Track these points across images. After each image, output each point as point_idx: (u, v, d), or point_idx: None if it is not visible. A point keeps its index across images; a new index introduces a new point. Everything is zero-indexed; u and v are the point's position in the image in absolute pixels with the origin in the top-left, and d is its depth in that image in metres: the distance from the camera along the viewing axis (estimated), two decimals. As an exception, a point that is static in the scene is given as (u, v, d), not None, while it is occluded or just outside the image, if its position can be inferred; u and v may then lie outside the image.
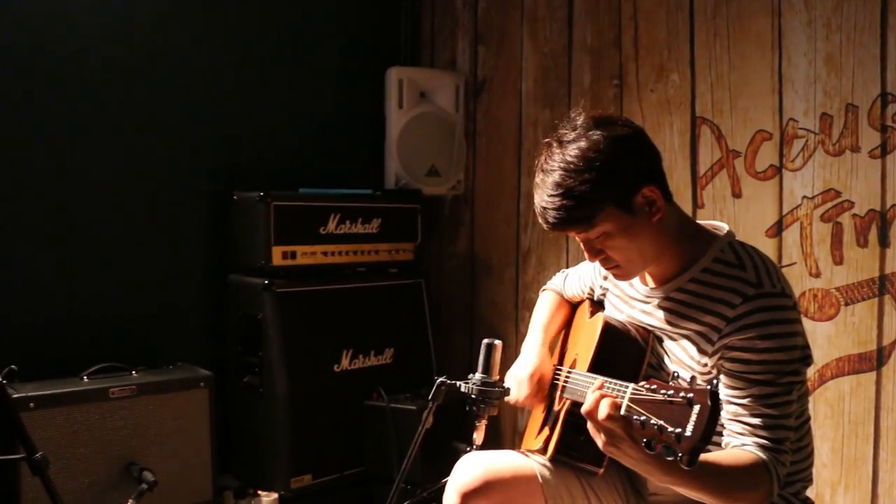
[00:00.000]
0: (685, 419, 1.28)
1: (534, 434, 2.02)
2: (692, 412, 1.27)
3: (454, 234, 3.76)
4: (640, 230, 1.66)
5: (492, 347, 1.93)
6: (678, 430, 1.28)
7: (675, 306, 1.73)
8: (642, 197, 1.65)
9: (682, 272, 1.73)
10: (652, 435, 1.33)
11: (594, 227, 1.64)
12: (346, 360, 3.11)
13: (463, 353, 3.68)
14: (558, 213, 1.61)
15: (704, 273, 1.70)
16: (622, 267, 1.71)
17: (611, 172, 1.61)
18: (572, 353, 2.01)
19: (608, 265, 1.73)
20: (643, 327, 1.81)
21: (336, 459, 3.06)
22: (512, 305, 3.53)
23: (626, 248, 1.67)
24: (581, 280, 2.12)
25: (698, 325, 1.68)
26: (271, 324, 2.93)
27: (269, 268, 2.96)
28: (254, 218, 2.98)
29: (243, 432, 3.05)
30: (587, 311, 2.04)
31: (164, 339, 3.05)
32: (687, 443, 1.27)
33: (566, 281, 2.20)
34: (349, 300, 3.15)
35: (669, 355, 1.75)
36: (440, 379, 1.95)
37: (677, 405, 1.30)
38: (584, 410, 1.46)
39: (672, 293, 1.74)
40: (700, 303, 1.68)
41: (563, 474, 1.89)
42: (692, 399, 1.29)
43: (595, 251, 1.70)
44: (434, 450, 2.68)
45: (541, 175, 1.65)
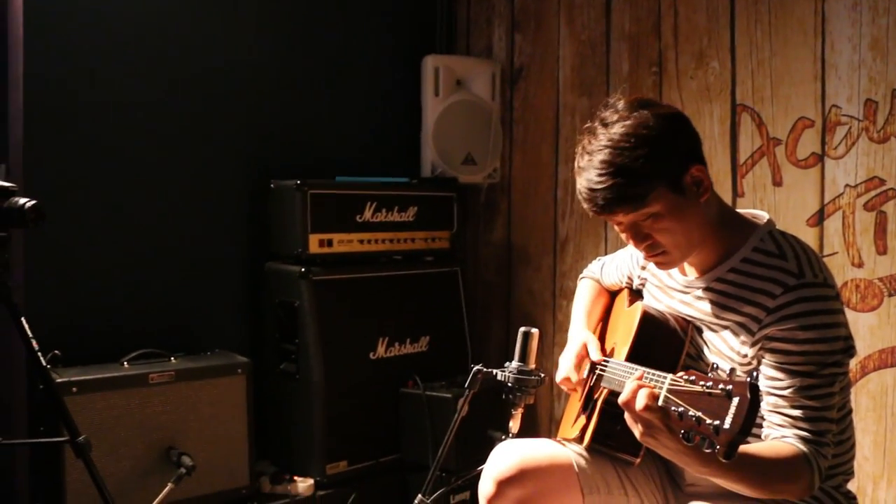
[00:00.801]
0: (724, 411, 1.27)
1: (570, 423, 2.02)
2: (731, 404, 1.27)
3: (490, 223, 3.75)
4: (688, 212, 1.63)
5: (528, 336, 1.93)
6: (716, 423, 1.27)
7: (715, 297, 1.72)
8: (691, 177, 1.62)
9: (721, 262, 1.71)
10: (690, 426, 1.32)
11: (645, 207, 1.60)
12: (382, 348, 3.12)
13: (499, 342, 3.68)
14: (609, 191, 1.57)
15: (744, 263, 1.68)
16: (668, 252, 1.68)
17: (662, 149, 1.58)
18: (610, 342, 2.00)
19: (653, 252, 1.69)
20: (682, 318, 1.79)
21: (371, 446, 3.06)
22: (549, 294, 3.52)
23: (675, 231, 1.64)
24: (618, 269, 2.10)
25: (738, 315, 1.66)
26: (308, 311, 2.94)
27: (306, 256, 2.97)
28: (290, 206, 2.98)
29: (280, 419, 3.07)
30: (626, 300, 2.03)
31: (202, 326, 3.06)
32: (725, 435, 1.26)
33: (603, 269, 2.18)
34: (385, 288, 3.14)
35: (709, 346, 1.73)
36: (476, 367, 1.95)
37: (716, 397, 1.30)
38: (622, 400, 1.46)
39: (712, 283, 1.72)
40: (740, 293, 1.67)
41: (599, 464, 1.88)
42: (731, 391, 1.28)
43: (641, 236, 1.66)
44: (469, 438, 2.67)
45: (585, 157, 1.62)
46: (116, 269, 2.89)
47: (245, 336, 3.16)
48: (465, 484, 2.91)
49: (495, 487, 1.85)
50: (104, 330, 2.84)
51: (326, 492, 2.93)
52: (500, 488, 1.84)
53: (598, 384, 1.89)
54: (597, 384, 1.90)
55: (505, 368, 1.93)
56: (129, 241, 2.92)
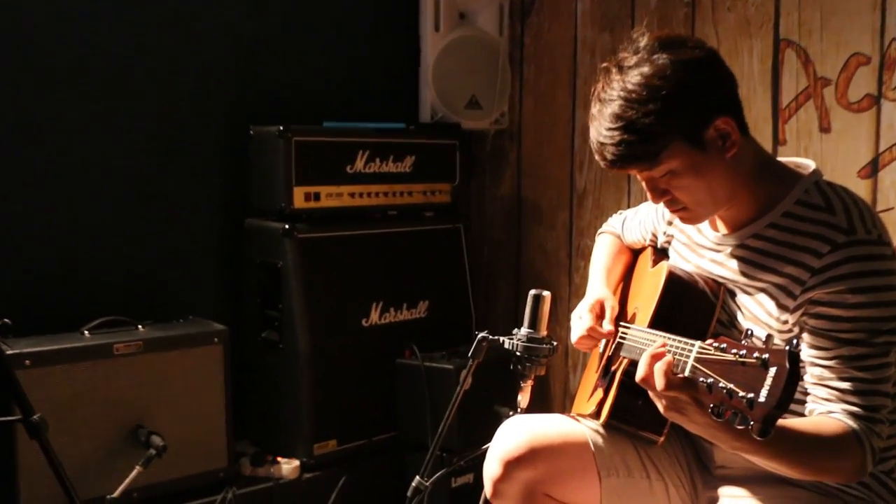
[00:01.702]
0: (759, 383, 1.27)
1: (586, 396, 2.02)
2: (767, 375, 1.27)
3: (498, 174, 3.74)
4: (711, 168, 1.64)
5: (539, 299, 1.93)
6: (750, 396, 1.27)
7: (751, 255, 1.71)
8: (715, 130, 1.62)
9: (759, 216, 1.71)
10: (720, 400, 1.32)
11: (659, 165, 1.63)
12: (376, 314, 3.13)
13: (507, 307, 3.69)
14: (617, 148, 1.60)
15: (786, 217, 1.68)
16: (690, 210, 1.70)
17: (679, 102, 1.58)
18: (632, 307, 2.00)
19: (674, 207, 1.72)
20: (713, 279, 1.79)
21: (364, 424, 3.09)
22: (564, 253, 3.52)
23: (695, 189, 1.65)
24: (642, 225, 2.10)
25: (778, 276, 1.65)
26: (292, 273, 2.94)
27: (290, 211, 2.97)
28: (272, 155, 2.98)
29: (261, 393, 3.08)
30: (649, 260, 2.03)
31: (173, 290, 3.07)
32: (760, 410, 1.26)
33: (625, 224, 2.19)
34: (379, 247, 3.16)
35: (743, 311, 1.72)
36: (481, 334, 1.97)
37: (750, 367, 1.29)
38: (639, 378, 1.46)
39: (747, 240, 1.72)
40: (780, 251, 1.66)
41: (618, 442, 1.89)
42: (768, 360, 1.28)
43: (659, 192, 1.69)
44: (473, 414, 2.71)
45: (598, 105, 1.64)
46: (75, 226, 2.88)
47: (222, 301, 3.17)
48: (469, 465, 2.95)
49: (502, 468, 1.85)
50: (61, 295, 2.83)
51: (314, 474, 2.95)
52: (507, 469, 1.85)
53: (616, 353, 1.89)
54: (616, 353, 1.90)
55: (513, 336, 1.94)
56: (88, 196, 2.91)
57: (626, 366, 1.81)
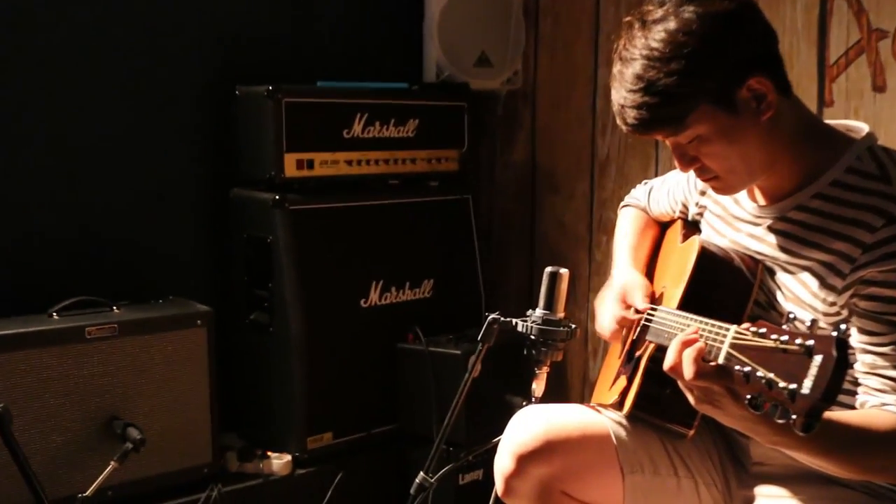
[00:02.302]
0: (802, 372, 1.26)
1: (608, 384, 2.02)
2: (812, 364, 1.26)
3: (510, 139, 3.73)
4: (744, 133, 1.63)
5: (556, 277, 1.93)
6: (793, 386, 1.26)
7: (795, 229, 1.70)
8: (748, 90, 1.61)
9: (803, 186, 1.70)
10: (758, 390, 1.32)
11: (685, 130, 1.63)
12: (376, 294, 3.13)
13: (520, 286, 3.70)
14: (639, 112, 1.61)
15: (834, 187, 1.66)
16: (722, 178, 1.70)
17: (706, 61, 1.58)
18: (659, 286, 2.00)
19: (704, 176, 1.72)
20: (750, 256, 1.78)
21: (362, 415, 3.09)
22: (584, 227, 3.51)
23: (726, 156, 1.65)
24: (670, 195, 2.10)
25: (824, 253, 1.64)
26: (284, 249, 2.94)
27: (281, 180, 2.96)
28: (260, 119, 2.97)
29: (249, 381, 3.08)
30: (679, 234, 2.03)
31: (151, 267, 3.06)
32: (803, 402, 1.25)
33: (651, 195, 2.19)
34: (379, 220, 3.15)
35: (784, 292, 1.71)
36: (491, 316, 1.97)
37: (792, 354, 1.29)
38: (667, 366, 1.47)
39: (790, 212, 1.71)
40: (827, 225, 1.65)
41: (642, 435, 1.89)
42: (812, 347, 1.27)
43: (688, 159, 1.69)
44: (483, 404, 2.72)
45: (619, 65, 1.65)
46: (42, 197, 2.86)
47: (205, 280, 3.17)
48: (478, 460, 2.96)
49: (515, 463, 1.86)
50: (27, 273, 2.82)
51: (307, 470, 2.95)
52: (520, 465, 1.85)
53: (642, 337, 1.88)
54: (640, 337, 1.89)
55: (527, 318, 1.94)
56: (56, 164, 2.88)
57: (652, 351, 1.80)
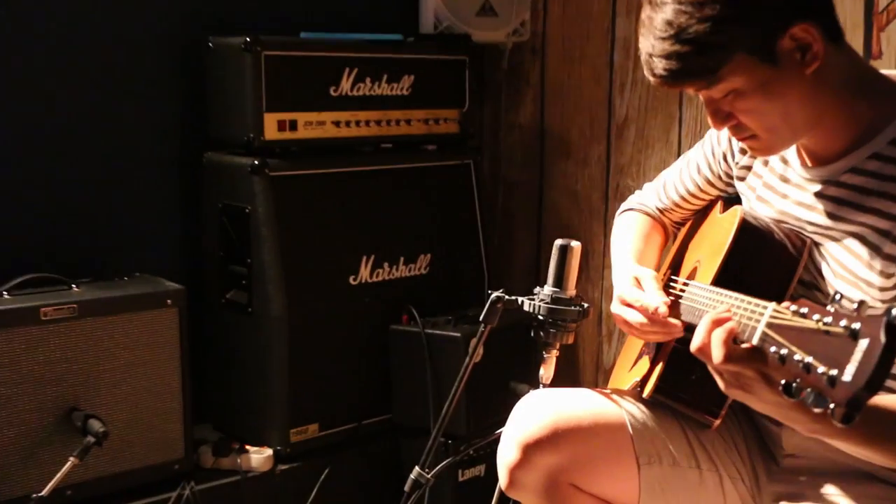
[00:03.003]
0: (845, 357, 1.22)
1: (627, 366, 2.04)
2: (856, 348, 1.23)
3: (517, 98, 3.72)
4: (785, 87, 1.62)
5: (567, 251, 1.94)
6: (833, 372, 1.23)
7: (848, 194, 1.69)
8: (791, 39, 1.60)
9: (857, 146, 1.68)
10: (795, 375, 1.29)
11: (718, 83, 1.63)
12: (367, 270, 3.13)
13: (527, 261, 3.71)
14: (668, 62, 1.62)
15: (894, 146, 1.64)
16: (760, 138, 1.69)
17: (744, 5, 1.59)
18: (692, 259, 2.00)
19: (740, 135, 1.71)
20: (797, 232, 1.79)
21: (352, 404, 3.09)
22: (599, 196, 3.51)
23: (765, 113, 1.64)
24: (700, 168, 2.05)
25: (882, 219, 1.63)
26: (264, 219, 2.93)
27: (261, 143, 2.95)
28: (237, 74, 2.95)
29: (226, 367, 3.09)
30: (719, 206, 2.05)
31: (115, 241, 3.05)
32: (844, 390, 1.22)
33: (667, 186, 2.15)
34: (370, 188, 3.15)
35: (833, 266, 1.71)
36: (495, 294, 1.97)
37: (836, 337, 1.25)
38: (695, 347, 1.46)
39: (842, 176, 1.70)
40: (886, 188, 1.64)
41: (662, 423, 1.91)
42: (858, 330, 1.24)
43: (722, 115, 1.69)
44: (485, 392, 2.74)
45: (648, 9, 1.66)
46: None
47: (176, 255, 3.17)
48: (480, 455, 2.97)
49: (520, 453, 1.86)
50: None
51: (290, 466, 2.96)
52: (526, 454, 1.85)
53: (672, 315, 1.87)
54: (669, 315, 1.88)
55: (534, 296, 1.94)
56: (7, 126, 2.87)
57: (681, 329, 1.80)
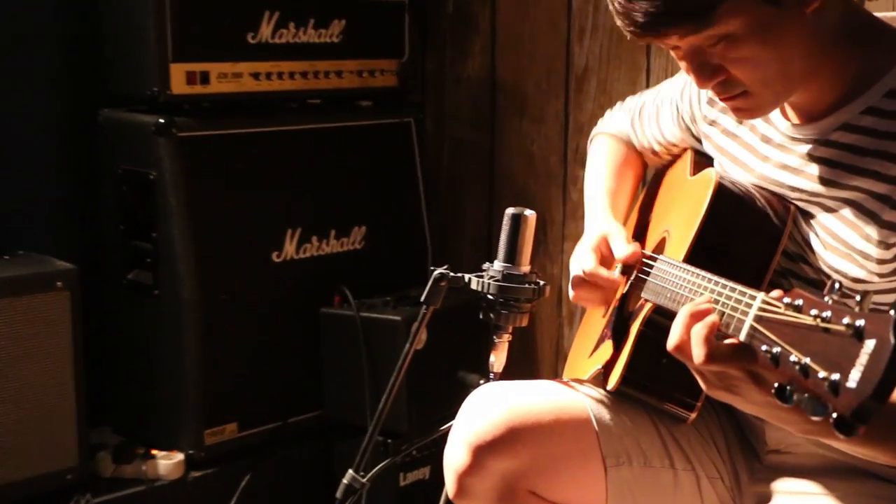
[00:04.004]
0: (848, 361, 1.20)
1: (586, 352, 2.04)
2: (861, 350, 1.20)
3: (464, 46, 3.73)
4: (785, 30, 1.61)
5: (520, 221, 1.94)
6: (835, 377, 1.21)
7: (840, 155, 1.69)
8: None
9: (850, 99, 1.68)
10: (790, 378, 1.27)
11: (713, 26, 1.59)
12: (292, 246, 3.14)
13: (476, 233, 3.73)
14: (653, 4, 1.57)
15: (890, 99, 1.65)
16: (753, 94, 1.67)
17: None
18: (659, 230, 2.01)
19: (729, 92, 1.68)
20: (779, 197, 1.79)
21: (276, 400, 3.11)
22: (557, 158, 3.53)
23: (762, 62, 1.62)
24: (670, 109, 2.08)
25: (879, 182, 1.63)
26: (172, 188, 2.93)
27: (167, 98, 2.94)
28: (137, 16, 2.93)
29: (128, 359, 3.08)
30: (688, 165, 2.04)
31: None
32: (848, 399, 1.20)
33: (643, 114, 2.18)
34: (296, 151, 3.16)
35: (822, 237, 1.72)
36: (438, 271, 1.97)
37: (837, 336, 1.23)
38: (672, 345, 1.45)
39: (833, 134, 1.70)
40: (884, 146, 1.64)
41: (631, 419, 1.90)
42: (863, 329, 1.21)
43: (709, 69, 1.66)
44: (429, 384, 2.77)
45: None
46: None
47: (68, 230, 3.17)
48: (424, 455, 2.99)
49: (471, 456, 1.84)
50: None
51: (205, 472, 2.96)
52: (478, 458, 1.84)
53: (634, 293, 1.89)
54: (633, 293, 1.90)
55: (483, 273, 1.94)
56: None
57: (648, 312, 1.80)
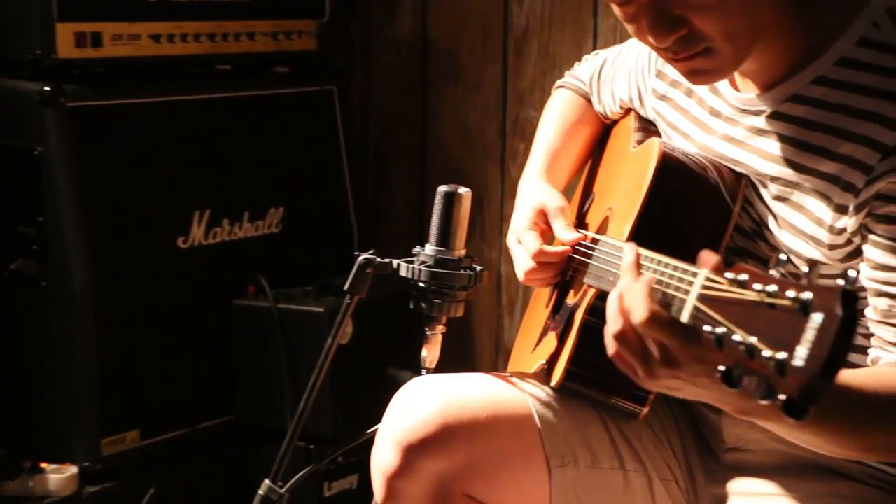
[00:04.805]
0: (795, 337, 1.23)
1: (530, 345, 2.04)
2: (808, 325, 1.23)
3: (392, 6, 3.75)
4: None
5: (454, 200, 1.95)
6: (781, 356, 1.23)
7: (789, 129, 1.72)
8: None
9: (799, 67, 1.71)
10: (735, 360, 1.29)
11: None
12: (200, 230, 3.14)
13: (406, 214, 3.75)
14: None
15: (842, 67, 1.68)
16: (715, 51, 1.66)
17: None
18: (601, 208, 2.02)
19: (688, 49, 1.66)
20: (729, 167, 1.81)
21: (183, 403, 3.11)
22: (495, 130, 3.56)
23: (730, 10, 1.62)
24: (625, 76, 2.11)
25: (829, 161, 1.66)
26: (60, 165, 2.92)
27: (52, 63, 2.93)
28: None
29: (11, 361, 3.04)
30: (631, 136, 2.04)
31: None
32: (796, 378, 1.22)
33: (602, 73, 2.19)
34: (203, 123, 3.16)
35: (777, 216, 1.75)
36: (363, 256, 1.98)
37: (783, 311, 1.26)
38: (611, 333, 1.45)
39: (782, 105, 1.73)
40: (833, 121, 1.67)
41: (577, 416, 1.91)
42: (809, 303, 1.24)
43: (669, 23, 1.63)
44: (356, 382, 2.78)
45: None
46: None
47: None
48: (350, 462, 3.01)
49: (401, 457, 1.84)
50: None
51: (102, 486, 2.95)
52: (408, 458, 1.83)
53: (577, 279, 1.90)
54: (576, 279, 1.90)
55: (414, 258, 1.95)
56: None
57: (592, 299, 1.81)
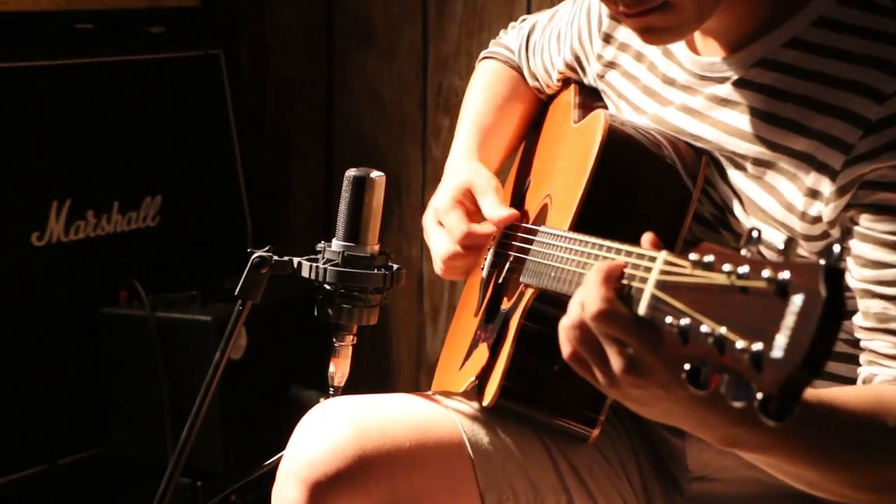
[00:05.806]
0: (772, 324, 1.25)
1: (458, 361, 2.07)
2: (787, 310, 1.25)
3: None
4: None
5: (364, 186, 1.98)
6: (757, 347, 1.25)
7: (756, 100, 1.76)
8: None
9: (771, 27, 1.75)
10: (703, 355, 1.30)
11: None
12: (59, 224, 3.16)
13: (309, 202, 3.78)
14: None
15: (820, 28, 1.72)
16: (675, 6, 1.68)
17: None
18: (539, 194, 2.03)
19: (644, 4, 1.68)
20: (687, 143, 1.83)
21: (40, 434, 3.12)
22: (414, 103, 3.60)
23: None
24: (561, 40, 2.12)
25: (802, 137, 1.70)
26: None
27: None
28: None
29: None
30: (572, 109, 2.05)
31: None
32: (774, 372, 1.24)
33: (531, 41, 2.22)
34: (61, 95, 3.17)
35: (742, 200, 1.78)
36: (257, 254, 1.99)
37: (757, 295, 1.28)
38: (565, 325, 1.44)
39: (749, 71, 1.77)
40: (807, 90, 1.70)
41: (515, 442, 1.94)
42: (787, 283, 1.26)
43: None
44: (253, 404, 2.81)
45: None
46: None
47: None
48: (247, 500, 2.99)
49: (307, 495, 1.85)
50: None
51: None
52: (316, 497, 1.84)
53: (513, 278, 1.91)
54: (511, 279, 1.92)
55: (318, 255, 1.97)
56: None
57: (530, 301, 1.83)
